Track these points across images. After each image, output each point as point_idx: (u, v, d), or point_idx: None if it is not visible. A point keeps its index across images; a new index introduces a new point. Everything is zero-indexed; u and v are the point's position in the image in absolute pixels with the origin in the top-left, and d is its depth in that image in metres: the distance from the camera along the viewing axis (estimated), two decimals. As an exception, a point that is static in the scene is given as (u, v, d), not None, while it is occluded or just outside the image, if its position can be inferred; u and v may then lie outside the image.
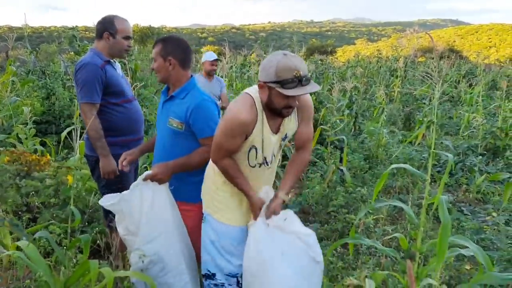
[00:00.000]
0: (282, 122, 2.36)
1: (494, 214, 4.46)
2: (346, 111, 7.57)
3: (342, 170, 5.21)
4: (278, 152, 2.49)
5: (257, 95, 2.26)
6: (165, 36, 2.73)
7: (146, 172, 2.54)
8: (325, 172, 5.22)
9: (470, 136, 7.86)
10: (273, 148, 2.38)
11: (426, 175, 2.44)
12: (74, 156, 4.34)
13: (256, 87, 2.28)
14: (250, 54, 15.57)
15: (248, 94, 2.29)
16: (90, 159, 3.12)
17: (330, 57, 22.12)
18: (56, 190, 3.58)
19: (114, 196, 2.49)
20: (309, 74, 2.13)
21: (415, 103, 10.29)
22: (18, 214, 3.36)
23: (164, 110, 2.67)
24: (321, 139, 5.96)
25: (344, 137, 5.62)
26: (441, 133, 8.88)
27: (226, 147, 2.27)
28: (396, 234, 2.64)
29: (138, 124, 3.19)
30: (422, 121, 7.43)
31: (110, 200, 2.49)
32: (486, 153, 6.61)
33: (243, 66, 13.64)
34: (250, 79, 11.88)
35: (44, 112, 6.51)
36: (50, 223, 2.98)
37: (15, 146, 4.87)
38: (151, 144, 2.88)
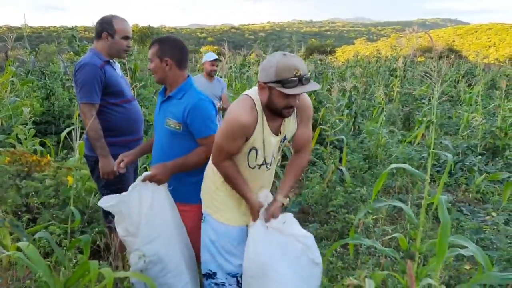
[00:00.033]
0: (282, 124, 2.36)
1: (493, 214, 4.46)
2: (346, 111, 7.56)
3: (341, 170, 5.21)
4: (278, 153, 2.49)
5: (257, 97, 2.26)
6: (161, 36, 2.73)
7: (145, 173, 2.54)
8: (324, 172, 5.22)
9: (470, 135, 7.86)
10: (273, 149, 2.39)
11: (426, 175, 2.44)
12: (73, 156, 4.33)
13: (255, 89, 2.29)
14: (250, 54, 15.57)
15: (248, 96, 2.29)
16: (89, 160, 3.12)
17: (330, 57, 22.19)
18: (56, 190, 3.58)
19: (113, 197, 2.49)
20: (308, 74, 2.14)
21: (415, 103, 10.29)
22: (18, 214, 3.36)
23: (161, 111, 2.67)
24: (320, 139, 5.95)
25: (343, 137, 5.62)
26: (440, 133, 8.89)
27: (227, 149, 2.27)
28: (395, 234, 2.64)
29: (137, 124, 3.19)
30: (421, 121, 7.45)
31: (109, 201, 2.49)
32: (485, 152, 6.61)
33: (243, 66, 13.63)
34: (250, 79, 11.86)
35: (43, 112, 6.51)
36: (50, 224, 2.98)
37: (15, 147, 4.87)
38: (149, 145, 2.88)
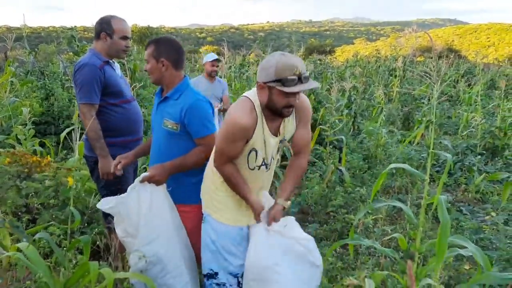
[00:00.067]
0: (281, 125, 2.37)
1: (493, 214, 4.46)
2: (345, 111, 7.55)
3: (341, 170, 5.21)
4: (277, 153, 2.49)
5: (256, 99, 2.26)
6: (157, 37, 2.72)
7: (143, 174, 2.54)
8: (324, 172, 5.22)
9: (469, 135, 7.86)
10: (272, 150, 2.39)
11: (425, 175, 2.45)
12: (73, 157, 4.33)
13: (254, 90, 2.29)
14: (249, 54, 15.57)
15: (247, 98, 2.29)
16: (89, 160, 3.12)
17: (329, 56, 22.19)
18: (55, 191, 3.58)
19: (111, 199, 2.49)
20: (307, 72, 2.15)
21: (414, 103, 10.28)
22: (18, 215, 3.36)
23: (158, 112, 2.67)
24: (320, 139, 5.95)
25: (343, 137, 5.62)
26: (440, 132, 8.90)
27: (228, 152, 2.27)
28: (395, 235, 2.64)
29: (137, 124, 3.19)
30: (421, 120, 7.45)
31: (107, 203, 2.49)
32: (485, 152, 6.61)
33: (242, 66, 13.62)
34: (249, 79, 11.86)
35: (43, 112, 6.50)
36: (50, 224, 2.98)
37: (14, 147, 4.86)
38: (147, 146, 2.88)
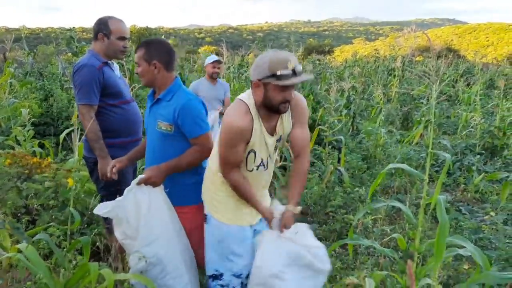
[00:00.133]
0: (278, 124, 2.38)
1: (492, 214, 4.46)
2: (344, 111, 7.56)
3: (340, 171, 5.21)
4: (274, 153, 2.49)
5: (250, 101, 2.28)
6: (147, 39, 2.71)
7: (140, 176, 2.54)
8: (323, 172, 5.22)
9: (468, 135, 7.87)
10: (270, 150, 2.40)
11: (424, 175, 2.45)
12: (73, 158, 4.33)
13: (248, 92, 2.31)
14: (248, 54, 15.55)
15: (241, 100, 2.31)
16: (88, 161, 3.12)
17: (328, 57, 22.13)
18: (55, 192, 3.58)
19: (108, 204, 2.48)
20: (300, 66, 2.16)
21: (413, 103, 10.30)
22: (17, 216, 3.36)
23: (151, 114, 2.67)
24: (319, 140, 5.95)
25: (342, 137, 5.62)
26: (439, 132, 8.91)
27: (231, 158, 2.27)
28: (394, 235, 2.65)
29: (136, 125, 3.19)
30: (420, 120, 7.45)
31: (104, 208, 2.48)
32: (484, 152, 6.62)
33: (241, 67, 13.60)
34: (248, 80, 11.86)
35: (42, 114, 6.50)
36: (50, 225, 2.98)
37: (14, 148, 4.86)
38: (141, 149, 2.87)
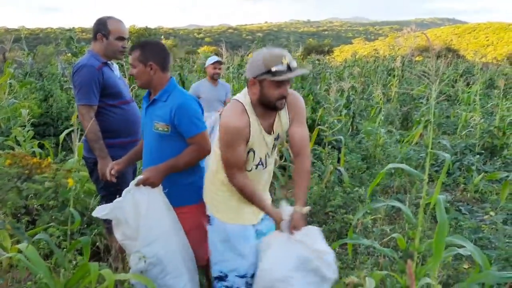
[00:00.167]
0: (275, 122, 2.38)
1: (492, 213, 4.46)
2: (344, 111, 7.56)
3: (339, 171, 5.22)
4: (273, 152, 2.49)
5: (246, 100, 2.29)
6: (141, 41, 2.71)
7: (138, 177, 2.54)
8: (323, 172, 5.22)
9: (468, 135, 7.86)
10: (268, 148, 2.40)
11: (424, 175, 2.45)
12: (72, 158, 4.33)
13: (244, 92, 2.32)
14: (247, 55, 15.53)
15: (236, 100, 2.32)
16: (88, 161, 3.13)
17: (327, 56, 22.13)
18: (55, 192, 3.58)
19: (106, 206, 2.48)
20: (294, 61, 2.18)
21: (413, 103, 10.29)
22: (17, 216, 3.36)
23: (148, 115, 2.67)
24: (318, 140, 5.95)
25: (341, 137, 5.62)
26: (438, 132, 8.90)
27: (233, 159, 2.26)
28: (394, 234, 2.65)
29: (136, 125, 3.19)
30: (419, 120, 7.45)
31: (103, 210, 2.48)
32: (483, 152, 6.62)
33: (240, 67, 13.58)
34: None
35: (42, 114, 6.49)
36: (49, 226, 2.98)
37: (13, 149, 4.86)
38: (138, 151, 2.86)
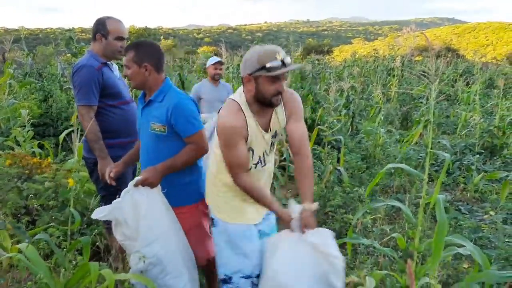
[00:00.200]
0: (271, 119, 2.38)
1: (491, 213, 4.47)
2: (343, 111, 7.55)
3: (339, 170, 5.22)
4: (271, 150, 2.49)
5: (241, 99, 2.30)
6: (136, 41, 2.69)
7: (136, 177, 2.54)
8: (322, 172, 5.22)
9: (468, 135, 7.86)
10: (266, 146, 2.40)
11: (424, 175, 2.46)
12: (72, 158, 4.34)
13: (239, 92, 2.33)
14: (247, 55, 15.49)
15: (232, 100, 2.32)
16: (88, 161, 3.13)
17: (327, 56, 22.10)
18: (55, 192, 3.59)
19: (105, 208, 2.48)
20: (288, 57, 2.19)
21: (412, 102, 10.28)
22: (17, 216, 3.37)
23: (144, 116, 2.67)
24: (318, 140, 5.95)
25: (341, 137, 5.62)
26: (438, 132, 8.90)
27: (235, 159, 2.26)
28: (394, 234, 2.65)
29: (135, 126, 3.19)
30: (419, 120, 7.45)
31: (102, 212, 2.48)
32: (483, 151, 6.62)
33: (240, 67, 13.57)
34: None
35: (41, 114, 6.50)
36: (49, 226, 2.99)
37: (13, 149, 4.86)
38: (135, 152, 2.86)
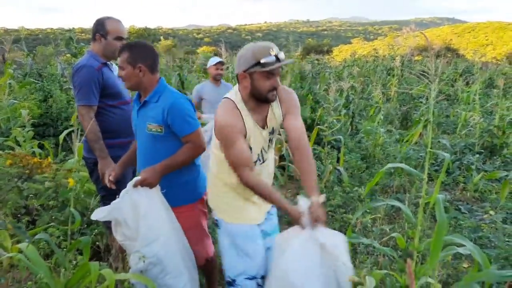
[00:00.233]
0: (268, 116, 2.38)
1: (491, 212, 4.47)
2: (343, 111, 7.55)
3: (339, 170, 5.23)
4: (269, 148, 2.49)
5: (237, 97, 2.30)
6: (129, 42, 2.68)
7: (135, 178, 2.54)
8: (322, 172, 5.23)
9: (467, 134, 7.86)
10: (264, 143, 2.40)
11: (423, 174, 2.46)
12: (72, 158, 4.34)
13: (235, 90, 2.34)
14: (246, 55, 15.48)
15: (227, 98, 2.33)
16: (88, 161, 3.13)
17: (327, 56, 22.13)
18: (55, 192, 3.59)
19: (104, 209, 2.48)
20: (282, 53, 2.21)
21: (412, 102, 10.28)
22: (17, 216, 3.37)
23: (140, 117, 2.66)
24: (318, 139, 5.96)
25: (341, 137, 5.63)
26: (438, 132, 8.90)
27: (238, 158, 2.23)
28: (393, 234, 2.65)
29: (135, 126, 3.20)
30: (419, 120, 7.46)
31: (101, 213, 2.48)
32: (483, 151, 6.62)
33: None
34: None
35: (41, 114, 6.49)
36: (50, 226, 2.99)
37: (13, 149, 4.87)
38: (133, 154, 2.85)
